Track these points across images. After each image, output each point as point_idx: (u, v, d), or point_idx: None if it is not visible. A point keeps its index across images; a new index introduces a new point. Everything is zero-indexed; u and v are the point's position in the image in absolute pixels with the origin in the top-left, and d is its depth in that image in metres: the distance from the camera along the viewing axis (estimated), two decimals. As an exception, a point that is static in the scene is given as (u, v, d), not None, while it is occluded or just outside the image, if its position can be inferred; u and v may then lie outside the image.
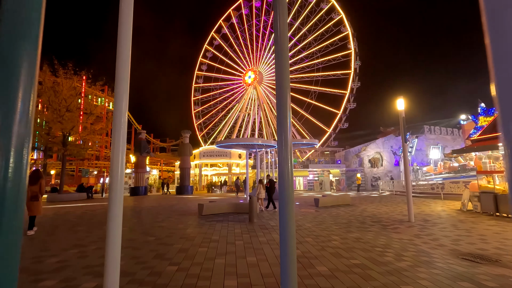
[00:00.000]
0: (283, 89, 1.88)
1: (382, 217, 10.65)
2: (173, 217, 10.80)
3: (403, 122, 10.10)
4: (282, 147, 1.85)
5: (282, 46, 1.90)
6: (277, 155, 1.85)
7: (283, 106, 1.89)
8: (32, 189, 7.51)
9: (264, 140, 16.02)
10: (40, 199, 7.68)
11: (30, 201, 7.48)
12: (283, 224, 1.84)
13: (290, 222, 1.85)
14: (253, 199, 9.76)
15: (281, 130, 1.82)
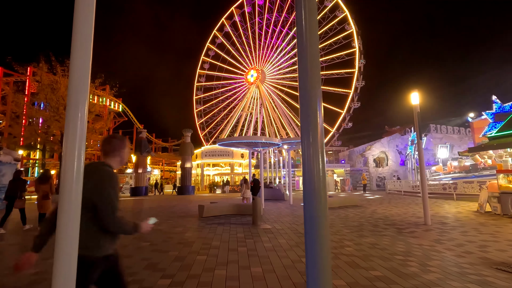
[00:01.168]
0: (313, 64, 1.24)
1: (395, 219, 9.96)
2: (172, 219, 10.18)
3: (417, 117, 9.40)
4: (310, 138, 1.21)
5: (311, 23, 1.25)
6: (302, 150, 1.20)
7: (314, 83, 1.26)
8: (43, 188, 8.12)
9: (268, 138, 15.37)
10: (50, 197, 8.26)
11: (42, 199, 8.09)
12: (311, 242, 1.20)
13: (323, 245, 1.21)
14: (257, 200, 9.12)
15: (309, 117, 1.18)
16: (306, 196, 1.26)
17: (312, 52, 1.34)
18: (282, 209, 13.47)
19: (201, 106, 60.70)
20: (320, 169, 1.22)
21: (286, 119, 52.01)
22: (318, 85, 1.36)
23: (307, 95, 1.33)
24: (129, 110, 56.53)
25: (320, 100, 1.33)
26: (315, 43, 1.36)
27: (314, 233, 1.25)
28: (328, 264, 1.28)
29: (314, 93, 1.33)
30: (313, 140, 1.23)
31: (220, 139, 15.12)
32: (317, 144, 1.23)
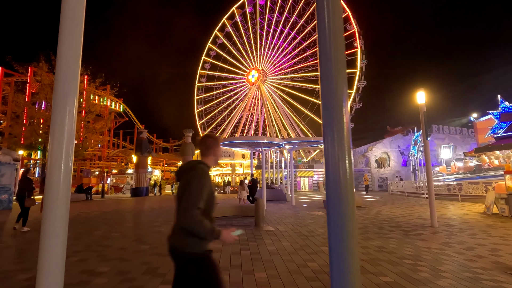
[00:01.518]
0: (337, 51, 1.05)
1: (400, 221, 9.74)
2: (172, 220, 9.97)
3: (424, 117, 9.19)
4: (334, 135, 1.02)
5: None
6: (325, 149, 1.01)
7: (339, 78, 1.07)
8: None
9: (270, 139, 15.17)
10: None
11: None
12: (337, 248, 1.01)
13: (351, 251, 1.03)
14: (259, 201, 8.92)
15: (333, 114, 0.99)
16: (331, 198, 1.08)
17: (336, 43, 1.16)
18: (284, 210, 13.27)
19: (202, 106, 60.51)
20: (347, 168, 1.04)
21: (287, 119, 51.80)
22: (343, 80, 1.18)
23: (331, 90, 1.14)
24: (130, 110, 56.48)
25: (346, 96, 1.14)
26: (340, 33, 1.18)
27: (340, 239, 1.07)
28: (358, 274, 1.11)
29: (340, 89, 1.15)
30: (339, 138, 1.05)
31: (221, 139, 14.93)
32: (343, 142, 1.05)
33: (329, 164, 1.07)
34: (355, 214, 1.10)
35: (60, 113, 1.40)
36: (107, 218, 10.65)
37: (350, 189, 1.06)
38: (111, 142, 56.70)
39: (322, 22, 1.18)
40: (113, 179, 38.96)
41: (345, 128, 1.07)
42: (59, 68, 1.39)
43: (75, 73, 1.40)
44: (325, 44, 1.12)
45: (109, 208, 14.77)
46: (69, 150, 1.42)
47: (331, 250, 1.08)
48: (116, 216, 11.27)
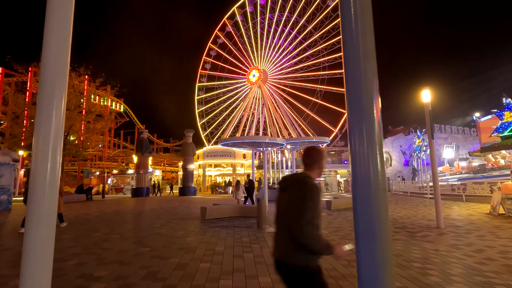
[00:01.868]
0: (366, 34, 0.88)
1: (404, 222, 9.56)
2: (173, 221, 9.83)
3: (429, 116, 9.01)
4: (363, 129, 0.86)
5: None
6: (350, 149, 0.84)
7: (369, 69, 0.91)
8: None
9: (271, 138, 15.01)
10: (60, 198, 8.46)
11: None
12: (368, 261, 0.86)
13: (384, 261, 0.88)
14: (261, 202, 8.75)
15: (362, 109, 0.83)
16: (360, 201, 0.93)
17: (364, 19, 0.99)
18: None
19: (203, 106, 60.39)
20: (378, 167, 0.89)
21: (289, 119, 51.60)
22: (373, 66, 1.02)
23: (357, 77, 0.98)
24: (130, 111, 56.39)
25: (376, 85, 0.98)
26: (368, 9, 1.02)
27: (373, 250, 0.92)
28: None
29: (369, 76, 0.99)
30: (369, 133, 0.89)
31: (222, 139, 14.78)
32: (373, 138, 0.90)
33: (357, 162, 0.91)
34: (388, 220, 0.95)
35: (47, 109, 1.24)
36: (107, 219, 10.50)
37: (383, 191, 0.91)
38: (112, 142, 56.57)
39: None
40: (113, 180, 38.88)
41: (377, 122, 0.91)
42: (45, 59, 1.24)
43: (63, 65, 1.23)
44: (350, 20, 0.96)
45: (109, 208, 14.63)
46: (56, 149, 1.24)
47: (362, 267, 0.92)
48: (116, 217, 11.12)
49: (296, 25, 52.08)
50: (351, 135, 0.95)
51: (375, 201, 0.91)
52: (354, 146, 0.94)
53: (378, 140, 0.93)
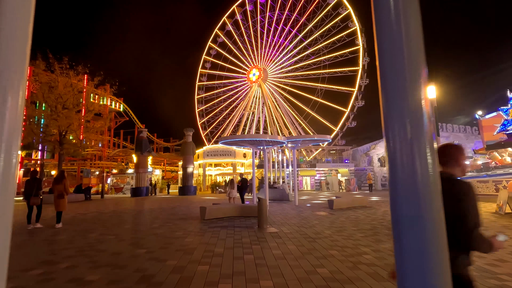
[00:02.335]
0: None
1: (409, 221, 9.31)
2: (172, 222, 9.59)
3: (435, 113, 8.75)
4: (406, 120, 0.59)
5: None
6: (387, 145, 0.56)
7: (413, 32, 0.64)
8: (58, 188, 8.91)
9: (272, 136, 14.76)
10: (65, 196, 9.02)
11: (57, 199, 8.84)
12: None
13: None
14: (262, 201, 8.51)
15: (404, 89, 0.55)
16: (402, 208, 0.68)
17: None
18: (287, 210, 12.87)
19: (203, 105, 60.19)
20: (431, 167, 0.65)
21: (289, 118, 51.33)
22: (419, 42, 0.77)
23: (399, 56, 0.73)
24: (130, 110, 56.11)
25: (424, 66, 0.74)
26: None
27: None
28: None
29: (414, 56, 0.74)
30: (415, 123, 0.66)
31: (223, 137, 14.54)
32: (422, 130, 0.66)
33: (398, 161, 0.66)
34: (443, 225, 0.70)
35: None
36: (104, 220, 10.27)
37: (436, 195, 0.66)
38: (112, 141, 56.31)
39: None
40: (113, 179, 38.65)
41: (425, 111, 0.66)
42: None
43: (22, 47, 0.96)
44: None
45: (107, 208, 14.40)
46: (10, 149, 0.97)
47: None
48: (113, 217, 10.89)
49: (296, 24, 51.81)
50: (389, 129, 0.70)
51: (430, 209, 0.67)
52: (392, 142, 0.69)
53: (430, 133, 0.69)
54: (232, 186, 14.32)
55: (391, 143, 0.71)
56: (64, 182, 8.98)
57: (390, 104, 0.73)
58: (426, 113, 0.67)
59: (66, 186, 9.03)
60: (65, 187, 8.96)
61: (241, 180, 15.30)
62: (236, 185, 14.66)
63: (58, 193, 8.83)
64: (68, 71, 19.45)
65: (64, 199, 8.89)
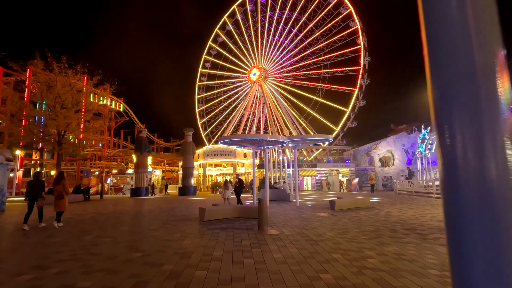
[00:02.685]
0: None
1: (413, 223, 9.10)
2: (171, 223, 9.38)
3: None
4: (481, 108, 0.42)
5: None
6: (439, 142, 0.45)
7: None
8: (57, 189, 8.89)
9: (273, 136, 14.55)
10: (65, 197, 8.98)
11: (56, 199, 8.83)
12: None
13: None
14: (263, 202, 8.30)
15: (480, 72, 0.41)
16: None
17: None
18: (288, 211, 12.66)
19: (203, 105, 60.06)
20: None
21: (290, 118, 51.13)
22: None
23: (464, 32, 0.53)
24: (130, 110, 56.02)
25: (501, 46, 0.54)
26: None
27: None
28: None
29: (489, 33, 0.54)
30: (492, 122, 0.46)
31: (223, 136, 14.34)
32: (497, 121, 0.47)
33: (460, 159, 0.46)
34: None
35: None
36: (101, 221, 10.07)
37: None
38: (112, 141, 56.19)
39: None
40: (113, 179, 38.49)
41: (504, 98, 0.46)
42: None
43: None
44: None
45: (105, 209, 14.21)
46: None
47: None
48: (111, 218, 10.69)
49: (297, 23, 51.60)
50: (445, 124, 0.50)
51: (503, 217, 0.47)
52: (454, 139, 0.49)
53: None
54: (226, 187, 14.47)
55: (448, 137, 0.51)
56: (63, 183, 8.95)
57: (448, 91, 0.53)
58: (506, 101, 0.48)
59: (66, 187, 9.02)
60: (64, 187, 8.94)
61: (238, 181, 15.32)
62: (230, 186, 14.77)
63: (58, 193, 8.82)
64: (66, 70, 19.27)
65: (64, 200, 8.89)
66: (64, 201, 8.90)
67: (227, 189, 14.53)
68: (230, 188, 14.72)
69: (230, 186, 14.84)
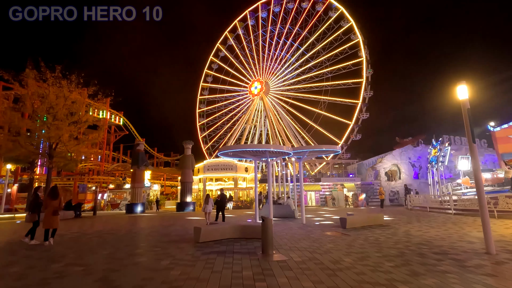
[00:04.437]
0: None
1: (441, 245, 7.83)
2: (160, 245, 8.16)
3: (468, 116, 7.47)
4: None
5: None
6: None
7: None
8: (54, 204, 8.29)
9: (277, 146, 13.44)
10: (58, 213, 8.49)
11: (52, 215, 8.21)
12: None
13: None
14: (267, 221, 7.12)
15: None
16: None
17: None
18: (294, 229, 11.39)
19: (204, 119, 59.47)
20: None
21: (292, 131, 50.24)
22: None
23: None
24: (130, 124, 55.34)
25: None
26: None
27: None
28: None
29: None
30: None
31: (223, 147, 13.26)
32: None
33: None
34: None
35: None
36: (82, 243, 8.86)
37: None
38: (111, 156, 55.19)
39: None
40: (110, 195, 37.17)
41: None
42: None
43: None
44: None
45: (92, 228, 12.96)
46: None
47: None
48: (93, 239, 9.47)
49: (298, 37, 51.65)
50: None
51: None
52: None
53: None
54: (207, 201, 14.24)
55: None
56: (59, 198, 8.55)
57: None
58: None
59: (61, 203, 8.71)
60: (60, 203, 8.57)
61: (220, 195, 14.78)
62: (211, 200, 14.44)
63: (54, 209, 8.31)
64: (60, 80, 18.46)
65: (58, 216, 8.46)
66: (58, 218, 8.47)
67: (207, 204, 14.17)
68: (211, 203, 14.34)
69: (211, 201, 14.46)
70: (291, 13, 52.53)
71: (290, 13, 52.74)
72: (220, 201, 14.43)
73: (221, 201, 14.42)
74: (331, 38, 48.09)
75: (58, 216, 8.49)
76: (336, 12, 47.84)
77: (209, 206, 14.06)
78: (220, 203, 14.40)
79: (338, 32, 47.40)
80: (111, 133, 53.93)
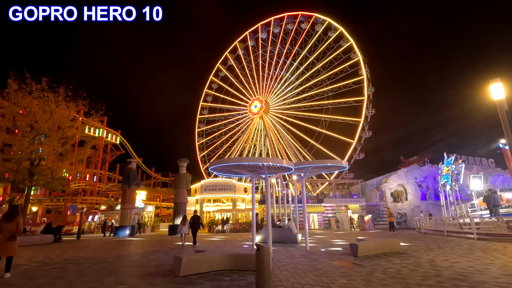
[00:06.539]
0: None
1: (481, 280, 6.18)
2: (129, 281, 6.52)
3: (506, 116, 6.11)
4: None
5: None
6: None
7: None
8: (9, 228, 7.25)
9: (276, 160, 11.98)
10: (17, 238, 7.39)
11: (7, 241, 7.14)
12: None
13: None
14: (263, 251, 5.56)
15: None
16: None
17: None
18: (297, 258, 9.70)
19: (203, 138, 58.48)
20: None
21: (292, 150, 48.95)
22: None
23: None
24: (127, 143, 54.15)
25: None
26: None
27: None
28: None
29: None
30: None
31: (214, 161, 11.81)
32: None
33: None
34: None
35: None
36: (33, 277, 7.20)
37: None
38: (106, 175, 53.49)
39: None
40: (101, 216, 35.16)
41: None
42: None
43: None
44: None
45: (62, 255, 11.22)
46: None
47: None
48: (52, 272, 7.80)
49: (297, 56, 51.67)
50: None
51: None
52: None
53: None
54: (183, 223, 13.98)
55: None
56: (17, 220, 7.32)
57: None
58: None
59: (20, 225, 7.38)
60: (18, 226, 7.33)
61: (192, 217, 14.46)
62: (187, 222, 14.15)
63: (10, 233, 7.19)
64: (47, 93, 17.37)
65: (15, 242, 7.31)
66: (15, 244, 7.32)
67: (183, 225, 13.94)
68: (187, 225, 14.13)
69: (188, 222, 14.22)
70: (290, 33, 52.99)
71: (289, 34, 53.20)
72: (193, 224, 14.21)
73: (194, 223, 14.21)
74: (331, 57, 48.04)
75: (15, 241, 7.31)
76: (335, 32, 48.11)
77: (185, 228, 13.88)
78: (193, 225, 14.19)
79: (338, 51, 47.42)
80: (107, 152, 52.63)
